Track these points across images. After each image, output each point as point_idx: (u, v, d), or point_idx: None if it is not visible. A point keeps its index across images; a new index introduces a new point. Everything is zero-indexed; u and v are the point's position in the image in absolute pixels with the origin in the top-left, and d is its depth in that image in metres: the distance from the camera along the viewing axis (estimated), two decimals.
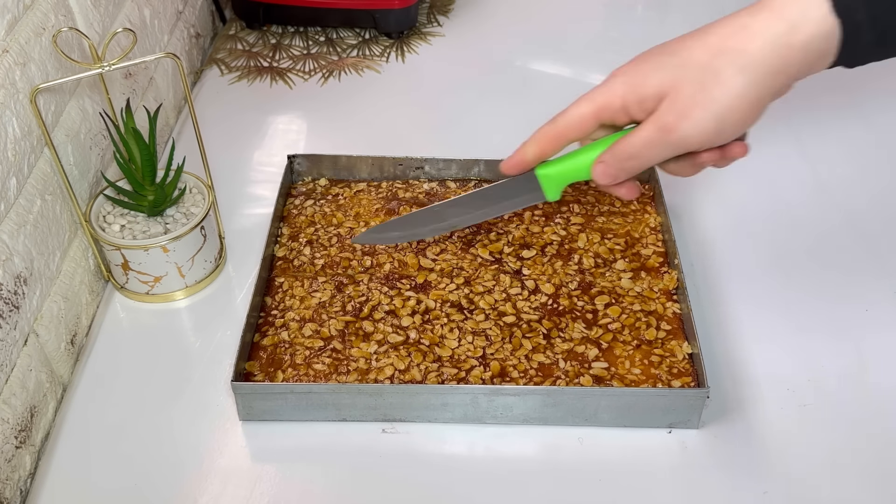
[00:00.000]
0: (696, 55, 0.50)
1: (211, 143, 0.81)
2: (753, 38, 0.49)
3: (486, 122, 0.94)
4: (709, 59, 0.50)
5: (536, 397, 0.63)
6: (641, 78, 0.52)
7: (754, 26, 0.49)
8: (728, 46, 0.50)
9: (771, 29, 0.49)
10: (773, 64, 0.49)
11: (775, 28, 0.49)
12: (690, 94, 0.50)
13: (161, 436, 0.64)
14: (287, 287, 0.73)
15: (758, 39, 0.49)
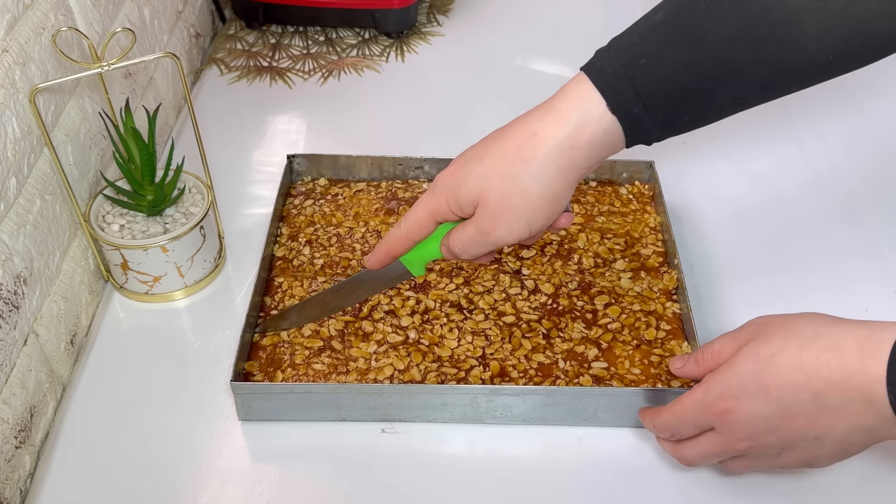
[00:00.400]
0: (496, 164, 0.55)
1: (210, 142, 0.81)
2: (542, 144, 0.54)
3: (485, 122, 0.93)
4: (507, 167, 0.55)
5: (536, 397, 0.63)
6: (457, 187, 0.56)
7: (541, 133, 0.54)
8: (522, 155, 0.54)
9: (556, 134, 0.54)
10: (562, 164, 0.54)
11: (560, 132, 0.54)
12: (496, 202, 0.55)
13: (160, 435, 0.64)
14: (286, 287, 0.73)
15: (545, 145, 0.54)
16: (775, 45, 0.52)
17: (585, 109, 0.54)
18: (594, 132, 0.54)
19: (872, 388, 0.48)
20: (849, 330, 0.50)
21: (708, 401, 0.54)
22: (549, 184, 0.55)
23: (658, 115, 0.54)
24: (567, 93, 0.55)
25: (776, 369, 0.51)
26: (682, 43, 0.53)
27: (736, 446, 0.55)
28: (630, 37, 0.55)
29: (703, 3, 0.52)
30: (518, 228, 0.56)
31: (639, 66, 0.53)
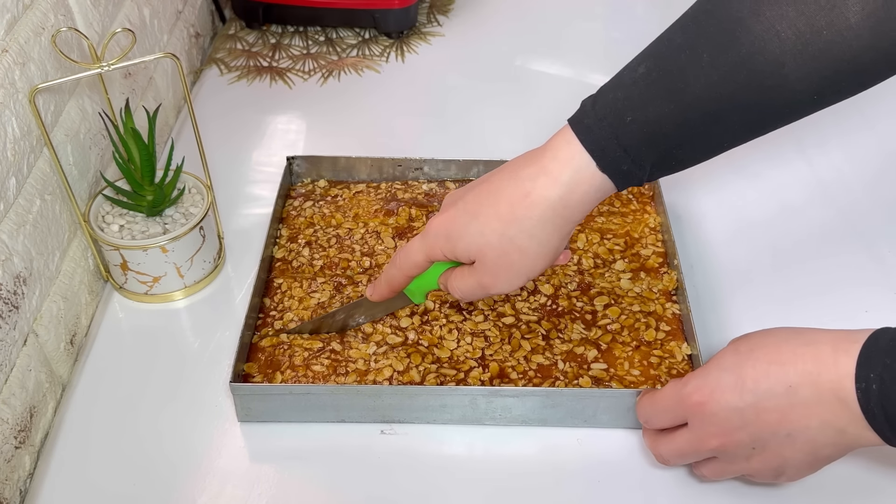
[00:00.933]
0: (492, 223, 0.56)
1: (210, 143, 0.81)
2: (535, 205, 0.55)
3: (485, 122, 0.94)
4: (503, 227, 0.56)
5: (535, 398, 0.63)
6: (453, 240, 0.58)
7: (534, 194, 0.55)
8: (516, 215, 0.56)
9: (549, 195, 0.55)
10: (557, 222, 0.56)
11: (553, 193, 0.55)
12: (495, 260, 0.57)
13: (160, 436, 0.64)
14: (286, 288, 0.73)
15: (539, 206, 0.55)
16: (758, 90, 0.52)
17: (576, 170, 0.55)
18: (586, 190, 0.55)
19: (843, 385, 0.49)
20: (827, 331, 0.52)
21: (684, 391, 0.55)
22: (545, 241, 0.56)
23: (647, 166, 0.55)
24: (556, 152, 0.56)
25: (753, 361, 0.52)
26: (664, 98, 0.53)
27: (707, 443, 0.55)
28: (614, 92, 0.55)
29: (682, 56, 0.53)
30: (517, 282, 0.58)
31: (624, 124, 0.54)
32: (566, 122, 0.57)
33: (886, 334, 0.49)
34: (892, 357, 0.47)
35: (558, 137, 0.56)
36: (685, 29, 0.54)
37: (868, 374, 0.48)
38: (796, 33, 0.50)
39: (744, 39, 0.51)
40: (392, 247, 0.76)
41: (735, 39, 0.51)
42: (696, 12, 0.54)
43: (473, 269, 0.58)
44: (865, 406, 0.48)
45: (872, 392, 0.47)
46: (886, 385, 0.47)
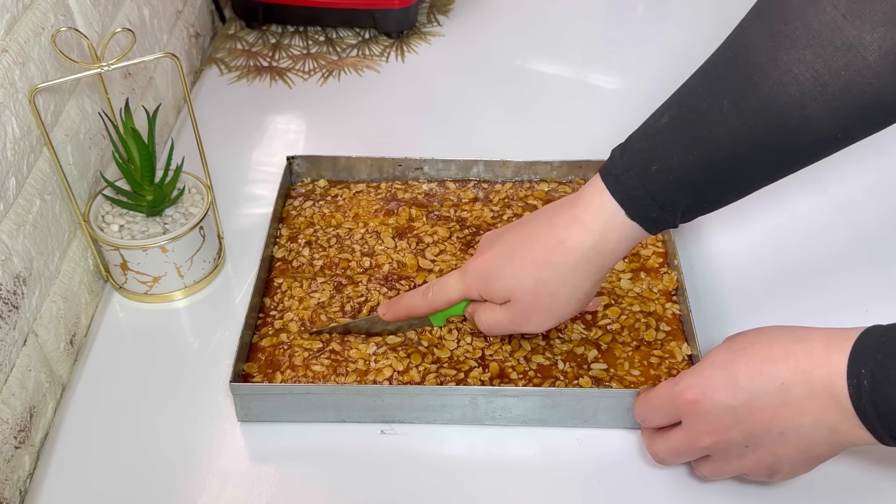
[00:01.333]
0: (526, 267, 0.58)
1: (210, 143, 0.81)
2: (569, 253, 0.57)
3: (485, 122, 0.94)
4: (537, 272, 0.58)
5: (535, 398, 0.63)
6: (489, 282, 0.60)
7: (568, 242, 0.57)
8: (550, 261, 0.58)
9: (582, 244, 0.57)
10: (590, 269, 0.58)
11: (585, 242, 0.57)
12: (529, 302, 0.59)
13: (160, 436, 0.64)
14: (286, 288, 0.73)
15: (573, 254, 0.57)
16: (781, 132, 0.52)
17: (607, 219, 0.56)
18: (618, 238, 0.57)
19: (835, 382, 0.49)
20: (819, 329, 0.52)
21: (678, 389, 0.55)
22: (578, 286, 0.58)
23: (677, 211, 0.56)
24: (588, 201, 0.57)
25: (746, 359, 0.53)
26: (689, 146, 0.54)
27: (701, 441, 0.55)
28: (640, 142, 0.56)
29: (704, 104, 0.54)
30: (548, 324, 0.61)
31: (651, 173, 0.55)
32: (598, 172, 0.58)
33: (878, 331, 0.49)
34: (884, 353, 0.47)
35: (590, 187, 0.58)
36: (706, 76, 0.55)
37: (859, 370, 0.48)
38: (814, 76, 0.50)
39: (762, 85, 0.51)
40: (392, 247, 0.76)
41: (754, 85, 0.52)
42: (717, 60, 0.55)
43: (506, 308, 0.60)
44: (857, 403, 0.48)
45: (864, 388, 0.47)
46: (878, 381, 0.47)
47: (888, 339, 0.48)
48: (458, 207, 0.80)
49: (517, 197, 0.81)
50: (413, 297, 0.65)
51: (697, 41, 1.07)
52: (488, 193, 0.82)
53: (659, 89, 0.99)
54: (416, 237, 0.77)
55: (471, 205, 0.80)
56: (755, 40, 0.53)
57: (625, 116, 0.95)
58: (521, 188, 0.82)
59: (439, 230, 0.77)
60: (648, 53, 1.06)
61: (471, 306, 0.63)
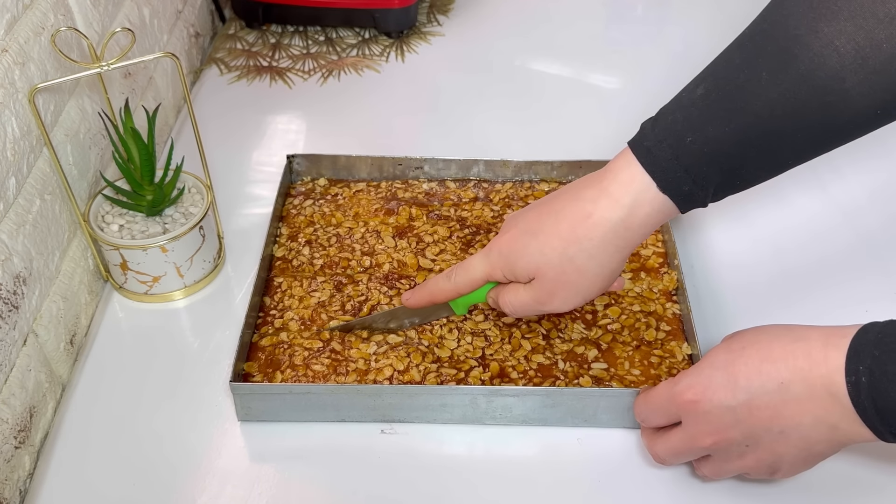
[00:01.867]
0: (552, 242, 0.57)
1: (210, 142, 0.81)
2: (597, 227, 0.56)
3: (485, 122, 0.94)
4: (563, 246, 0.57)
5: (536, 398, 0.63)
6: (513, 259, 0.59)
7: (596, 215, 0.56)
8: (577, 235, 0.56)
9: (611, 217, 0.56)
10: (618, 244, 0.57)
11: (614, 215, 0.56)
12: (554, 278, 0.58)
13: (160, 436, 0.64)
14: (286, 287, 0.73)
15: (600, 227, 0.56)
16: (819, 107, 0.52)
17: (637, 192, 0.55)
18: (648, 212, 0.56)
19: (834, 379, 0.49)
20: (818, 327, 0.52)
21: (677, 389, 0.55)
22: (605, 262, 0.57)
23: (709, 187, 0.55)
24: (617, 174, 0.56)
25: (745, 359, 0.53)
26: (725, 117, 0.53)
27: (701, 441, 0.55)
28: (673, 114, 0.55)
29: (741, 75, 0.53)
30: (574, 301, 0.59)
31: (685, 144, 0.54)
32: (626, 144, 0.57)
33: (875, 328, 0.49)
34: (881, 349, 0.47)
35: (619, 159, 0.57)
36: (743, 48, 0.54)
37: (857, 367, 0.48)
38: (856, 48, 0.50)
39: (802, 56, 0.51)
40: (392, 246, 0.76)
41: (793, 57, 0.51)
42: (753, 32, 0.54)
43: (530, 286, 0.59)
44: (856, 399, 0.48)
45: (862, 385, 0.47)
46: (876, 377, 0.47)
47: (885, 336, 0.48)
48: (459, 207, 0.80)
49: (517, 197, 0.81)
50: (437, 281, 0.63)
51: (697, 41, 1.07)
52: (488, 193, 0.82)
53: (659, 89, 0.99)
54: (417, 236, 0.77)
55: (471, 204, 0.80)
56: (794, 11, 0.51)
57: (625, 116, 0.95)
58: (522, 188, 0.82)
59: (439, 229, 0.77)
60: (648, 53, 1.06)
61: (494, 290, 0.62)
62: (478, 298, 0.64)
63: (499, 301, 0.61)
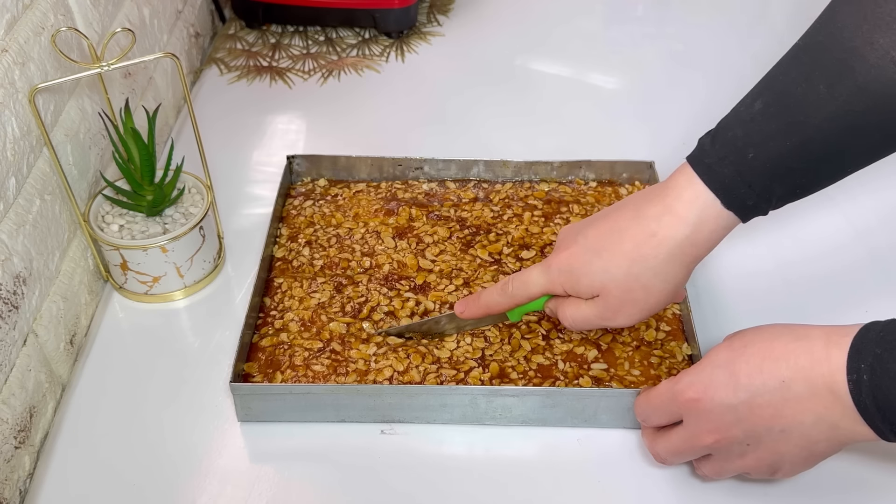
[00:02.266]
0: (617, 260, 0.57)
1: (210, 142, 0.81)
2: (662, 245, 0.56)
3: (485, 122, 0.94)
4: (628, 266, 0.57)
5: (535, 398, 0.63)
6: (576, 276, 0.59)
7: (661, 234, 0.56)
8: (642, 254, 0.57)
9: (676, 235, 0.56)
10: (683, 260, 0.57)
11: (679, 233, 0.56)
12: (619, 296, 0.58)
13: (160, 436, 0.64)
14: (286, 287, 0.73)
15: (665, 246, 0.56)
16: (878, 115, 0.52)
17: (702, 209, 0.56)
18: (713, 229, 0.56)
19: (835, 378, 0.49)
20: (819, 326, 0.52)
21: (678, 388, 0.55)
22: (670, 279, 0.57)
23: (772, 198, 0.56)
24: (680, 191, 0.56)
25: (747, 358, 0.53)
26: (785, 132, 0.54)
27: (702, 440, 0.55)
28: (733, 130, 0.56)
29: (799, 89, 0.53)
30: (638, 317, 0.59)
31: (747, 160, 0.54)
32: (685, 159, 0.57)
33: (876, 327, 0.49)
34: (883, 347, 0.48)
35: (679, 176, 0.57)
36: (798, 61, 0.55)
37: (859, 365, 0.48)
38: None
39: (859, 68, 0.51)
40: (392, 246, 0.76)
41: (850, 69, 0.51)
42: (807, 44, 0.55)
43: (594, 302, 0.59)
44: (857, 398, 0.48)
45: (864, 383, 0.48)
46: (877, 376, 0.47)
47: (887, 334, 0.48)
48: (459, 207, 0.80)
49: (517, 197, 0.81)
50: (491, 294, 0.63)
51: (697, 41, 1.07)
52: (488, 193, 0.82)
53: (659, 89, 0.99)
54: (417, 237, 0.77)
55: (471, 205, 0.80)
56: (848, 23, 0.52)
57: (625, 116, 0.96)
58: (522, 188, 0.82)
59: (439, 230, 0.77)
60: (648, 53, 1.06)
61: (553, 302, 0.62)
62: (535, 307, 0.63)
63: (558, 314, 0.61)
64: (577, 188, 0.82)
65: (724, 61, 1.03)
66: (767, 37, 1.08)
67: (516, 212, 0.79)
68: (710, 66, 1.02)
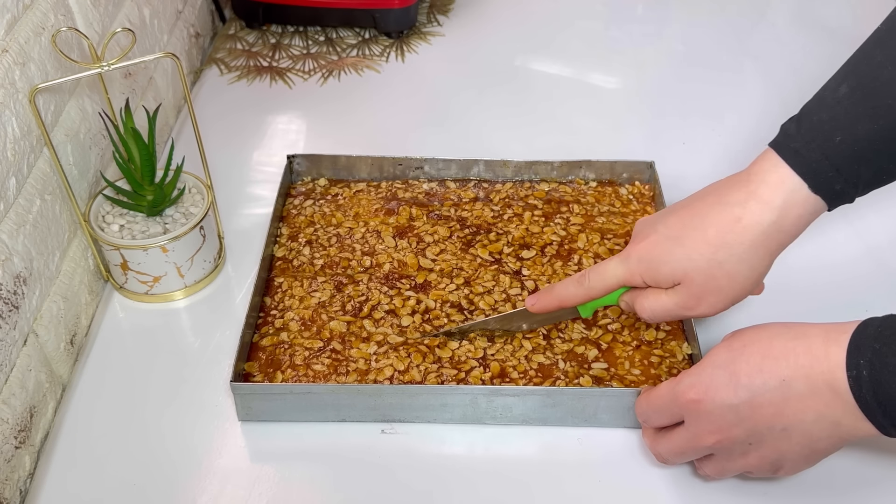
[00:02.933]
0: (699, 248, 0.57)
1: (210, 142, 0.81)
2: (747, 231, 0.56)
3: (485, 122, 0.94)
4: (712, 252, 0.56)
5: (536, 398, 0.63)
6: (656, 265, 0.58)
7: (746, 219, 0.56)
8: (726, 241, 0.56)
9: (762, 220, 0.55)
10: (769, 246, 0.56)
11: (765, 218, 0.55)
12: (702, 284, 0.57)
13: (160, 436, 0.64)
14: (286, 287, 0.73)
15: (751, 231, 0.56)
16: None
17: (788, 193, 0.55)
18: (800, 214, 0.56)
19: (835, 375, 0.49)
20: (818, 324, 0.52)
21: (679, 389, 0.55)
22: (755, 266, 0.57)
23: (859, 183, 0.55)
24: (765, 177, 0.56)
25: (747, 357, 0.53)
26: (873, 116, 0.53)
27: (704, 441, 0.55)
28: (818, 114, 0.55)
29: (885, 73, 0.53)
30: (721, 306, 0.59)
31: (834, 144, 0.54)
32: (767, 145, 0.57)
33: (874, 322, 0.49)
34: (881, 342, 0.48)
35: (762, 161, 0.57)
36: (882, 45, 0.55)
37: (858, 360, 0.48)
38: None
39: None
40: (392, 246, 0.76)
41: None
42: (890, 28, 0.55)
43: (674, 291, 0.59)
44: (857, 393, 0.48)
45: (863, 378, 0.48)
46: (876, 369, 0.47)
47: (885, 329, 0.48)
48: (459, 207, 0.80)
49: (517, 197, 0.81)
50: (566, 286, 0.63)
51: (697, 41, 1.07)
52: (489, 193, 0.82)
53: (659, 89, 0.99)
54: (417, 236, 0.77)
55: (471, 204, 0.80)
56: None
57: (625, 116, 0.96)
58: (522, 188, 0.82)
59: (440, 229, 0.78)
60: (648, 53, 1.06)
61: (629, 294, 0.62)
62: (609, 301, 0.63)
63: (635, 306, 0.61)
64: (577, 188, 0.82)
65: (724, 61, 1.03)
66: (767, 37, 1.08)
67: (516, 211, 0.79)
68: (710, 66, 1.02)
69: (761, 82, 1.00)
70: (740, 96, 0.98)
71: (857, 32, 0.61)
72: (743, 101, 0.97)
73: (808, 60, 1.01)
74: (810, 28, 1.09)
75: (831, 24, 1.09)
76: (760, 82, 1.00)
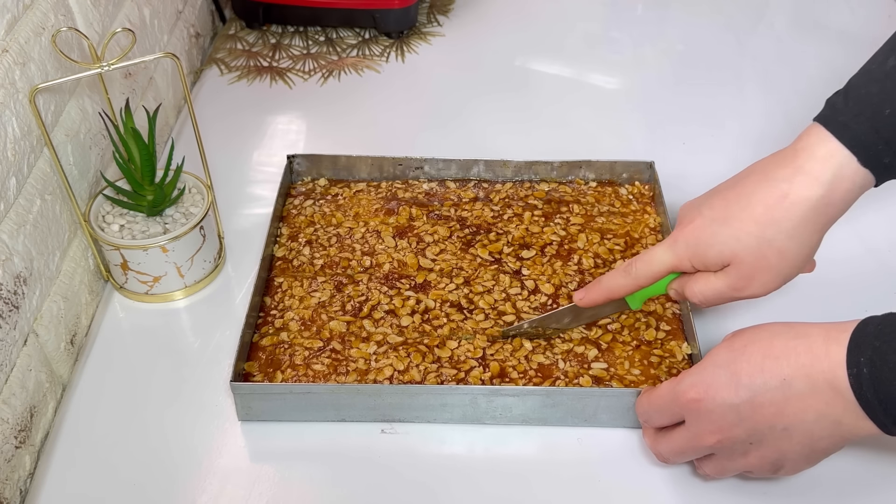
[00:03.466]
0: (747, 227, 0.56)
1: (210, 142, 0.81)
2: (796, 206, 0.55)
3: (486, 122, 0.94)
4: (760, 230, 0.56)
5: (536, 398, 0.63)
6: (703, 248, 0.58)
7: (793, 194, 0.55)
8: (774, 217, 0.55)
9: (810, 195, 0.55)
10: (819, 221, 0.56)
11: (814, 193, 0.55)
12: (752, 263, 0.56)
13: (160, 435, 0.64)
14: (286, 287, 0.73)
15: (800, 207, 0.55)
16: None
17: (837, 167, 0.55)
18: (848, 188, 0.55)
19: (836, 374, 0.49)
20: (818, 324, 0.52)
21: (680, 388, 0.55)
22: (805, 241, 0.56)
23: None
24: (812, 151, 0.55)
25: (748, 357, 0.53)
26: None
27: (705, 440, 0.55)
28: (866, 87, 0.55)
29: None
30: (773, 285, 0.58)
31: (883, 116, 0.54)
32: (812, 120, 0.56)
33: (874, 321, 0.49)
34: (881, 339, 0.48)
35: (809, 136, 0.56)
36: None
37: (858, 359, 0.48)
38: None
39: None
40: (392, 246, 0.76)
41: None
42: None
43: (724, 273, 0.58)
44: (858, 391, 0.48)
45: (864, 376, 0.48)
46: (877, 368, 0.47)
47: (885, 327, 0.48)
48: (459, 207, 0.80)
49: (517, 197, 0.81)
50: (613, 277, 0.62)
51: (697, 41, 1.07)
52: (488, 193, 0.82)
53: (659, 89, 0.99)
54: (417, 236, 0.77)
55: (471, 204, 0.81)
56: None
57: (625, 116, 0.96)
58: (522, 188, 0.82)
59: (440, 229, 0.78)
60: (648, 53, 1.06)
61: (678, 281, 0.61)
62: (657, 291, 0.62)
63: (685, 292, 0.60)
64: (577, 188, 0.82)
65: (724, 61, 1.03)
66: (767, 37, 1.08)
67: (516, 211, 0.79)
68: (710, 66, 1.02)
69: (761, 82, 1.00)
70: (740, 96, 0.98)
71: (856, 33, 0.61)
72: (742, 101, 0.97)
73: (807, 60, 1.01)
74: (809, 28, 1.09)
75: (830, 25, 1.09)
76: (760, 82, 1.00)
